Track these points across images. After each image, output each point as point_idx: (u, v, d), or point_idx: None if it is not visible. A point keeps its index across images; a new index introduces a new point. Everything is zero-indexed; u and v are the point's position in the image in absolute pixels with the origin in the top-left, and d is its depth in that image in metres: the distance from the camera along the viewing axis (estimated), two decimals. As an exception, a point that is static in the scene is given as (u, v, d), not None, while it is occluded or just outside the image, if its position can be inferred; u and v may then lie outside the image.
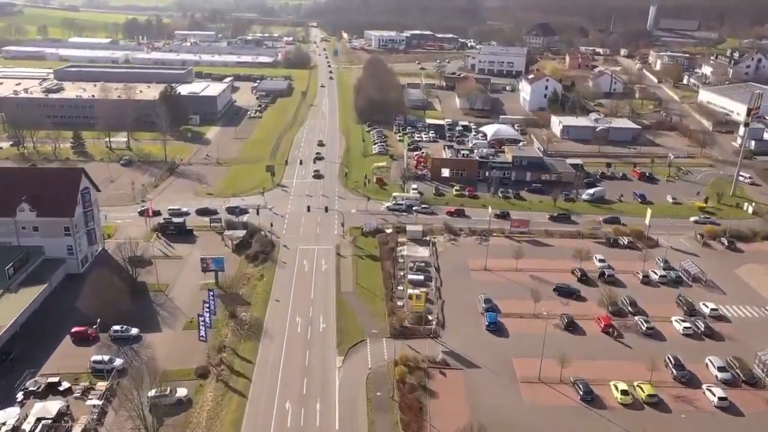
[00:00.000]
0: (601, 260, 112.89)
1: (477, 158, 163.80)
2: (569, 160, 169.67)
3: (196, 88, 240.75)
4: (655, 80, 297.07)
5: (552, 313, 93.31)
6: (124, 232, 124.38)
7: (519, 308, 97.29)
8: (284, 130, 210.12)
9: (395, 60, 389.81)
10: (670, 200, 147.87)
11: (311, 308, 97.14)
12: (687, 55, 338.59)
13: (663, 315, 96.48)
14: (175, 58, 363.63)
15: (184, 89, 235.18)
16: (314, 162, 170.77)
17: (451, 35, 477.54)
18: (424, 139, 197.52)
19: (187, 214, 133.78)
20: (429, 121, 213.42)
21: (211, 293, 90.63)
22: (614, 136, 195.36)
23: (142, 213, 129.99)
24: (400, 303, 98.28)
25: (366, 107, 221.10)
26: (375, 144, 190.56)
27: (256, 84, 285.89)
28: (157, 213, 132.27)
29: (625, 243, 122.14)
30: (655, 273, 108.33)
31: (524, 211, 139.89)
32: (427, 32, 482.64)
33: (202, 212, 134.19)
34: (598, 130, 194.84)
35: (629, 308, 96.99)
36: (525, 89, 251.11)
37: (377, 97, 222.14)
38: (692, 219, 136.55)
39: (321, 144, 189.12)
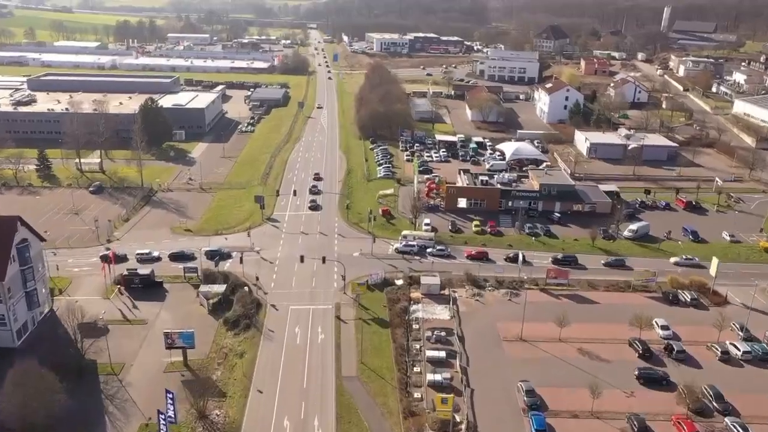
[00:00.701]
0: (663, 327, 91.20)
1: (498, 186, 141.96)
2: (603, 186, 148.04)
3: (183, 99, 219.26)
4: (681, 88, 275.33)
5: (615, 411, 71.90)
6: (81, 285, 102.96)
7: (571, 401, 75.75)
8: (278, 148, 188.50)
9: (398, 65, 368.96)
10: (727, 237, 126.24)
11: (304, 404, 75.51)
12: (712, 60, 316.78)
13: (760, 413, 74.78)
14: (165, 63, 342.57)
15: (168, 101, 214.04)
16: (310, 192, 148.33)
17: (456, 38, 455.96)
18: (435, 158, 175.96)
19: (158, 259, 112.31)
20: (439, 137, 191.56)
21: (170, 397, 68.83)
22: (648, 154, 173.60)
23: (103, 259, 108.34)
24: (417, 394, 76.75)
25: (369, 121, 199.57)
26: (380, 165, 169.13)
27: (249, 93, 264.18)
28: (122, 259, 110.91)
29: (688, 300, 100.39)
30: (736, 347, 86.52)
31: (558, 252, 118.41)
32: (431, 35, 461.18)
33: (177, 257, 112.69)
34: (630, 148, 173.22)
35: (714, 404, 75.20)
36: (542, 99, 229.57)
37: (381, 110, 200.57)
38: None
39: (317, 177, 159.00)
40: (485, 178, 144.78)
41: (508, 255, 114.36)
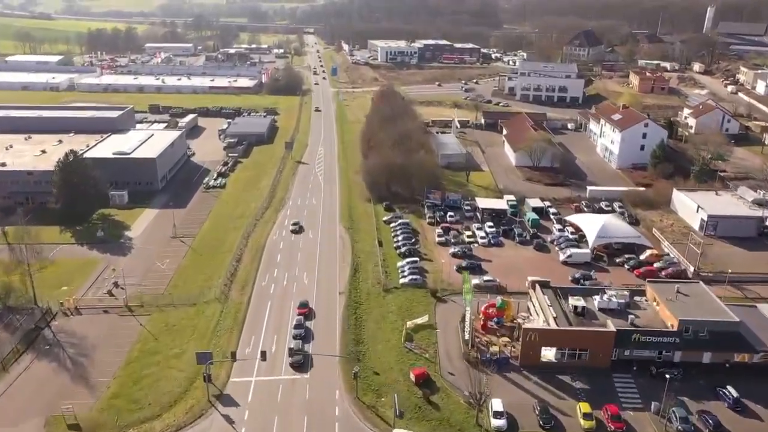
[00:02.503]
0: None
1: (611, 328, 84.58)
2: (763, 306, 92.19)
3: (132, 141, 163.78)
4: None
5: None
6: None
7: None
8: (254, 219, 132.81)
9: (408, 79, 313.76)
10: None
11: None
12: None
13: None
14: (131, 83, 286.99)
15: (111, 145, 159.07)
16: (291, 353, 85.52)
17: (471, 45, 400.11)
18: (479, 238, 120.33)
19: None
20: (482, 202, 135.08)
21: None
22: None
23: None
24: None
25: (380, 175, 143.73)
26: (400, 252, 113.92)
27: (225, 126, 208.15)
28: None
29: None
30: None
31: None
32: (443, 41, 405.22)
33: None
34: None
35: None
36: (608, 135, 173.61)
37: (397, 161, 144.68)
38: None
39: (303, 312, 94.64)
40: (579, 303, 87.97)
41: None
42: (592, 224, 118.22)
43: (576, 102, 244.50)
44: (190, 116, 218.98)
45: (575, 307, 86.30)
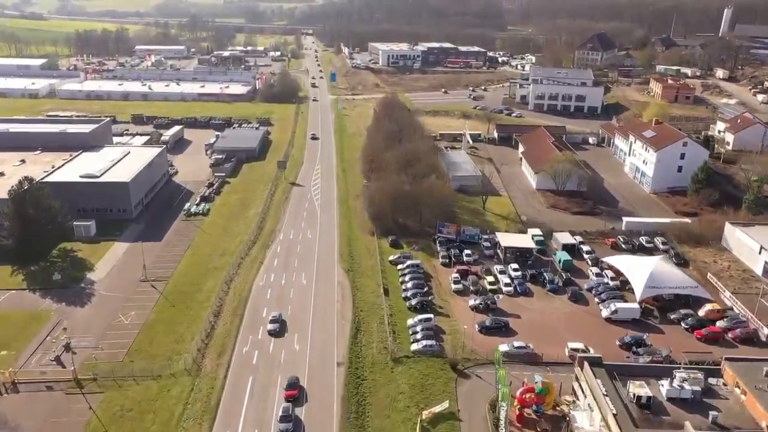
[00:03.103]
0: None
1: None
2: None
3: (104, 160, 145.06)
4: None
5: None
6: None
7: None
8: (238, 257, 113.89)
9: (411, 85, 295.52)
10: None
11: None
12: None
13: None
14: (116, 90, 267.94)
15: (80, 166, 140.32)
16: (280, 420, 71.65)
17: (477, 48, 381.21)
18: (503, 286, 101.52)
19: None
20: (504, 239, 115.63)
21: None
22: None
23: None
24: None
25: (385, 204, 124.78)
26: (410, 304, 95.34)
27: (212, 140, 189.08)
28: None
29: None
30: None
31: None
32: (447, 45, 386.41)
33: None
34: None
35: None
36: (640, 154, 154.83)
37: (405, 187, 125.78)
38: None
39: (292, 394, 75.69)
40: (643, 392, 68.76)
41: None
42: (637, 270, 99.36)
43: (594, 112, 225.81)
44: (176, 128, 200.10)
45: (639, 398, 67.48)
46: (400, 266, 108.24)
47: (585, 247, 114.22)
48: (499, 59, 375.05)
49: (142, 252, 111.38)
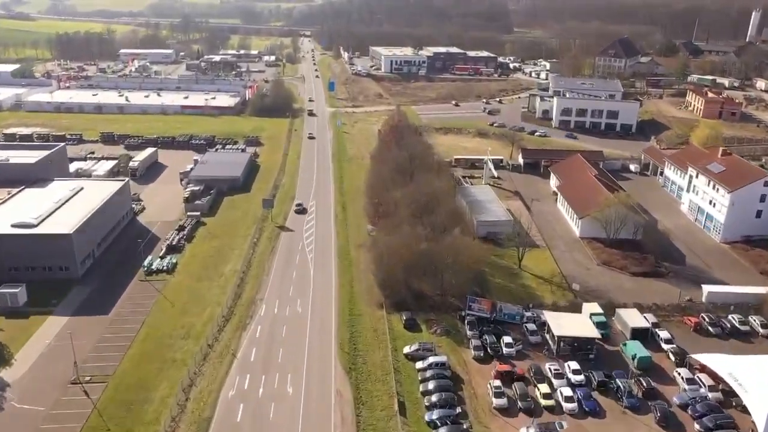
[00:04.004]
0: None
1: None
2: None
3: (50, 200, 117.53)
4: None
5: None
6: None
7: None
8: (203, 349, 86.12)
9: (417, 95, 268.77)
10: None
11: None
12: None
13: None
14: (88, 100, 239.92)
15: (12, 211, 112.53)
16: None
17: (487, 53, 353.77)
18: (565, 405, 73.68)
19: None
20: (554, 321, 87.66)
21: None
22: None
23: None
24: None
25: (396, 266, 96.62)
26: (433, 425, 67.94)
27: (189, 167, 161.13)
28: None
29: None
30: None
31: None
32: (454, 49, 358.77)
33: None
34: None
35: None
36: (704, 192, 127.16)
37: (419, 244, 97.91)
38: None
39: None
40: None
41: None
42: (749, 376, 71.69)
43: (628, 131, 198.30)
44: (148, 151, 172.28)
45: None
46: (419, 364, 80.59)
47: (662, 333, 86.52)
48: (511, 65, 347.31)
49: (72, 344, 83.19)
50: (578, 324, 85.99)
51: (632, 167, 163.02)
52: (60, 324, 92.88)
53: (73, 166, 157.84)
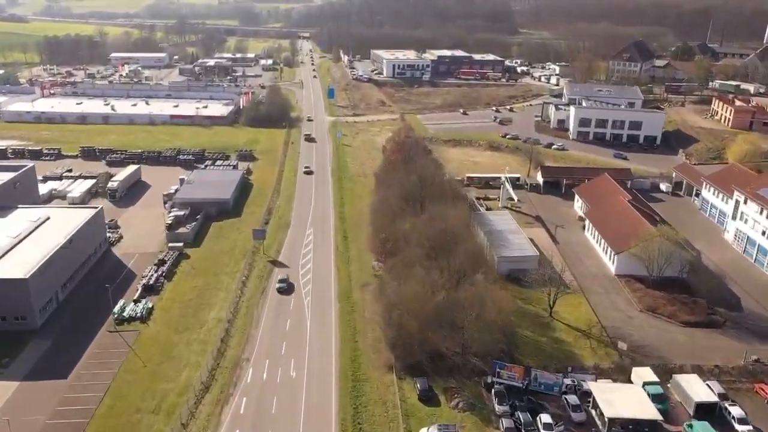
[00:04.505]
0: None
1: None
2: None
3: (8, 234, 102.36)
4: None
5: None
6: None
7: None
8: (177, 427, 70.96)
9: (423, 102, 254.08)
10: None
11: None
12: None
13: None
14: (71, 110, 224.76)
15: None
16: None
17: (493, 57, 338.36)
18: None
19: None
20: (603, 396, 72.41)
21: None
22: None
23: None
24: None
25: (408, 319, 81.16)
26: None
27: (173, 189, 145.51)
28: None
29: None
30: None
31: None
32: (460, 53, 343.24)
33: None
34: None
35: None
36: (755, 221, 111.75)
37: (436, 293, 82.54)
38: None
39: None
40: None
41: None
42: None
43: (652, 143, 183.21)
44: (131, 169, 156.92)
45: None
46: (439, 444, 65.50)
47: (734, 409, 71.17)
48: (518, 69, 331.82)
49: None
50: (632, 399, 70.64)
51: (663, 187, 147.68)
52: (7, 392, 77.73)
53: (46, 187, 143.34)
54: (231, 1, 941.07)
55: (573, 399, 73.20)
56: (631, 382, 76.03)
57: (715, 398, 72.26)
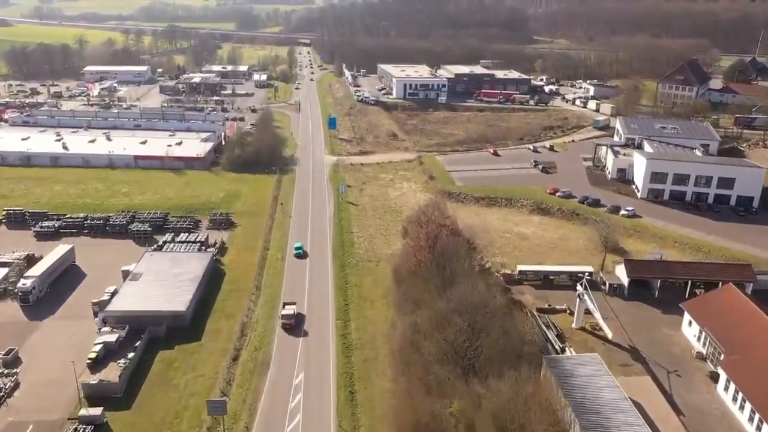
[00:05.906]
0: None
1: None
2: None
3: None
4: None
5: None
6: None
7: None
8: None
9: (440, 133, 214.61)
10: None
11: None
12: None
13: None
14: (14, 148, 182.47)
15: None
16: None
17: (518, 75, 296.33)
18: None
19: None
20: None
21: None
22: None
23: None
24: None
25: None
26: None
27: (107, 294, 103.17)
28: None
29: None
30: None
31: None
32: (480, 70, 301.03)
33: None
34: None
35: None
36: None
37: None
38: None
39: None
40: None
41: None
42: None
43: (750, 208, 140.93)
44: (60, 251, 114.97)
45: None
46: None
47: None
48: (546, 89, 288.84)
49: None
50: None
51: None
52: None
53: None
54: (229, 3, 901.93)
55: None
56: None
57: None
